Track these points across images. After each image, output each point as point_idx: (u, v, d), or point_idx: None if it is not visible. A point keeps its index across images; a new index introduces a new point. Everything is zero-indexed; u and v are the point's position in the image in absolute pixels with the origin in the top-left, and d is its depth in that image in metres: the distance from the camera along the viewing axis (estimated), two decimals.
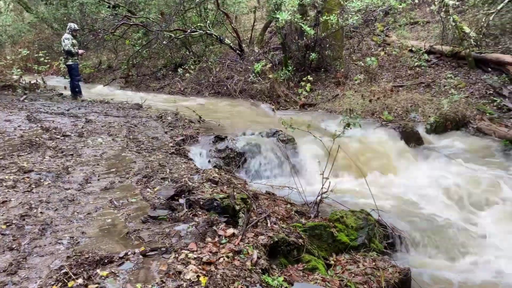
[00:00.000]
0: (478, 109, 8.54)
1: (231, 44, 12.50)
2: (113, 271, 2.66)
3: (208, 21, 12.09)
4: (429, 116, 8.34)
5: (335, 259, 3.93)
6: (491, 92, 8.92)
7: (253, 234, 3.51)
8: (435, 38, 11.29)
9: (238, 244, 3.16)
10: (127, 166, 4.68)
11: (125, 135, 6.00)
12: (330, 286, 3.33)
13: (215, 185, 4.23)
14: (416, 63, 10.19)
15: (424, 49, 10.49)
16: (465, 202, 5.58)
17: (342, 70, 10.74)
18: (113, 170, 4.52)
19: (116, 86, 13.72)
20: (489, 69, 9.43)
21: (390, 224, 4.74)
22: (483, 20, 10.37)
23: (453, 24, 10.28)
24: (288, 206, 4.82)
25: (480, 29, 10.33)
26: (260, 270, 3.01)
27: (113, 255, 2.80)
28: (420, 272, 4.27)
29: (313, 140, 6.70)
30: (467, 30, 10.11)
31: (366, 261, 3.90)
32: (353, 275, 3.64)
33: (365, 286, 3.52)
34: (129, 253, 2.85)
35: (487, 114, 8.37)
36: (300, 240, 3.69)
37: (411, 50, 10.73)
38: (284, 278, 3.22)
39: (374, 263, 3.87)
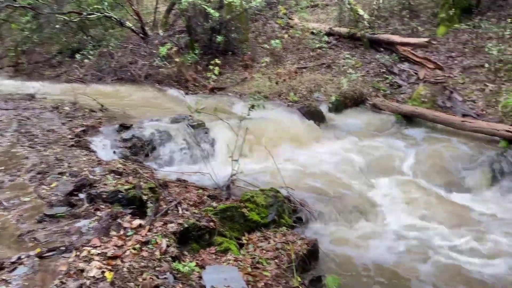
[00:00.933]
0: (373, 86, 9.22)
1: (133, 27, 11.90)
2: (4, 278, 2.42)
3: (106, 3, 11.33)
4: (331, 95, 8.80)
5: (247, 238, 4.01)
6: (384, 70, 9.67)
7: (162, 222, 3.43)
8: (334, 21, 11.89)
9: (146, 234, 3.06)
10: (18, 163, 4.26)
11: (15, 129, 5.44)
12: (242, 265, 3.39)
13: (119, 177, 4.04)
14: (317, 45, 10.65)
15: (324, 31, 10.99)
16: (364, 172, 6.04)
17: (249, 53, 10.85)
18: (1, 168, 4.08)
19: (4, 76, 12.35)
20: (382, 49, 10.20)
21: (299, 199, 4.97)
22: (374, 3, 11.13)
23: (349, 7, 10.90)
24: (200, 191, 4.79)
25: (372, 12, 11.10)
26: (170, 258, 2.96)
27: (3, 261, 2.54)
28: (326, 240, 4.56)
29: (223, 124, 6.70)
30: (361, 12, 10.79)
31: (276, 237, 4.04)
32: (264, 251, 3.75)
33: (276, 260, 3.65)
34: (22, 256, 2.62)
35: (381, 91, 9.08)
36: (212, 224, 3.70)
37: (312, 33, 11.17)
38: (196, 263, 3.21)
39: (284, 238, 4.03)
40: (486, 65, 8.67)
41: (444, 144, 6.84)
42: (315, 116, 7.94)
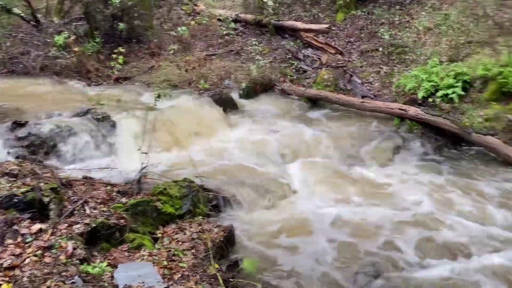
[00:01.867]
0: (281, 72, 9.50)
1: (23, 15, 10.79)
2: None
3: None
4: (241, 82, 8.89)
5: (162, 232, 3.93)
6: (290, 56, 10.00)
7: (67, 224, 3.21)
8: (240, 7, 11.96)
9: (48, 239, 2.85)
10: None
11: None
12: (158, 259, 3.32)
13: (14, 179, 3.68)
14: (225, 32, 10.64)
15: (231, 18, 11.02)
16: (276, 156, 6.23)
17: (155, 40, 10.48)
18: None
19: None
20: (287, 36, 10.53)
21: (214, 187, 4.98)
22: None
23: None
24: (109, 188, 4.56)
25: None
26: (78, 261, 2.79)
27: None
28: (242, 224, 4.65)
29: (131, 116, 6.42)
30: None
31: (192, 227, 4.02)
32: (180, 243, 3.71)
33: (193, 250, 3.64)
34: None
35: (288, 76, 9.40)
36: (122, 221, 3.56)
37: (219, 19, 11.13)
38: (108, 263, 3.08)
39: (200, 227, 4.02)
40: (380, 49, 9.40)
41: (347, 124, 7.32)
42: (226, 103, 7.96)
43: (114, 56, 8.00)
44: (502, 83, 7.01)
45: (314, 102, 8.31)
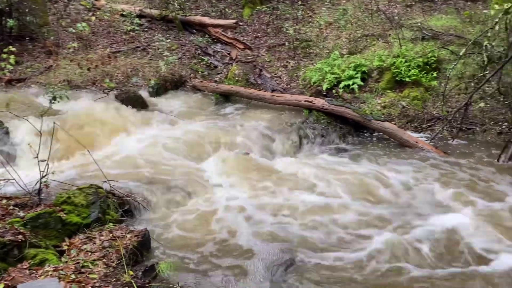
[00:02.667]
0: (191, 68, 9.37)
1: None
2: None
3: None
4: (150, 79, 8.60)
5: (68, 244, 3.67)
6: (200, 52, 9.91)
7: None
8: (144, 2, 11.53)
9: None
10: None
11: None
12: (64, 273, 3.09)
13: None
14: (129, 28, 10.19)
15: (135, 13, 10.58)
16: (190, 153, 6.14)
17: (52, 38, 9.68)
18: None
19: None
20: (195, 31, 10.41)
21: (125, 191, 4.76)
22: None
23: None
24: (4, 201, 4.12)
25: None
26: None
27: None
28: (158, 227, 4.52)
29: (26, 121, 5.87)
30: None
31: (102, 235, 3.80)
32: (89, 253, 3.49)
33: (104, 260, 3.45)
34: None
35: (199, 72, 9.30)
36: (20, 236, 3.23)
37: (122, 15, 10.63)
38: (5, 284, 2.78)
39: (111, 235, 3.81)
40: (287, 43, 9.72)
41: (259, 118, 7.45)
42: (135, 101, 7.65)
43: (4, 56, 7.22)
44: (395, 72, 7.67)
45: (227, 98, 8.34)
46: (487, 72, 6.60)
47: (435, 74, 7.52)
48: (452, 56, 7.69)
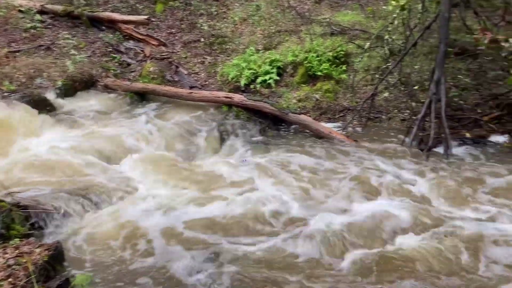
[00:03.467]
0: (102, 67, 8.88)
1: None
2: None
3: None
4: (56, 80, 7.99)
5: None
6: (111, 49, 9.41)
7: None
8: None
9: None
10: None
11: None
12: None
13: None
14: (29, 25, 9.35)
15: (36, 9, 9.74)
16: (104, 156, 5.83)
17: None
18: None
19: None
20: (104, 28, 9.84)
21: (31, 201, 4.38)
22: None
23: None
24: None
25: None
26: None
27: None
28: (73, 237, 4.24)
29: None
30: None
31: (7, 253, 3.46)
32: None
33: (10, 279, 3.14)
34: None
35: (111, 71, 8.85)
36: None
37: (21, 11, 9.73)
38: None
39: (17, 251, 3.49)
40: (202, 39, 9.64)
41: (177, 116, 7.30)
42: (40, 104, 7.05)
43: None
44: (308, 67, 7.98)
45: (142, 96, 8.04)
46: (389, 64, 7.15)
47: (344, 68, 7.95)
48: (358, 50, 8.18)
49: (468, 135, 6.35)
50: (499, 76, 6.87)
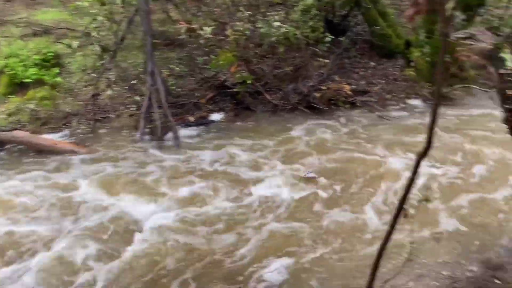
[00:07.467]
0: None
1: None
2: None
3: None
4: None
5: None
6: None
7: None
8: None
9: None
10: None
11: None
12: None
13: None
14: None
15: None
16: None
17: None
18: None
19: None
20: None
21: None
22: None
23: None
24: None
25: None
26: None
27: None
28: None
29: None
30: None
31: None
32: None
33: None
34: None
35: None
36: None
37: None
38: None
39: None
40: None
41: None
42: None
43: None
44: (11, 75, 6.89)
45: None
46: (103, 62, 6.92)
47: (57, 70, 7.24)
48: (69, 49, 7.58)
49: (191, 119, 6.85)
50: (206, 61, 7.64)
